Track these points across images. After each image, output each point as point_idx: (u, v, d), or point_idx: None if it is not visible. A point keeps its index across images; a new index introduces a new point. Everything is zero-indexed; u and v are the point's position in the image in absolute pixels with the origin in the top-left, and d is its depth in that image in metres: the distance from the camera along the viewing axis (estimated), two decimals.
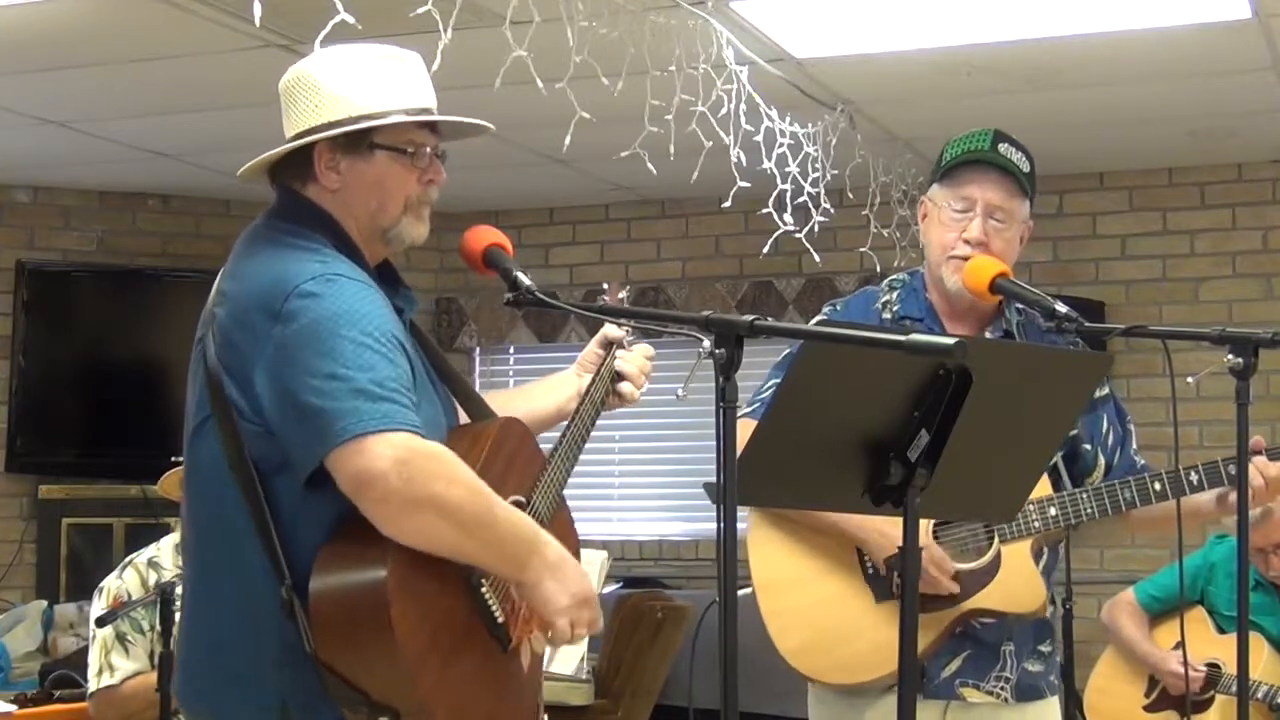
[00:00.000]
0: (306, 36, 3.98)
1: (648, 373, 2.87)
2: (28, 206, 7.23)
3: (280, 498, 2.34)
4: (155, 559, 4.21)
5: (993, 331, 3.17)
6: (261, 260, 2.42)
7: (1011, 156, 3.11)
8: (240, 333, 2.36)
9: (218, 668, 2.41)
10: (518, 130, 5.70)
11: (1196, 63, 5.24)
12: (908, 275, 3.27)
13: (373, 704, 2.28)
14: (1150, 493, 3.08)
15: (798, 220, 4.82)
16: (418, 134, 2.50)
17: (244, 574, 2.36)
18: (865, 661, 3.05)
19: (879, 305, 3.23)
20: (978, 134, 3.15)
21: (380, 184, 2.48)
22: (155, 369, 7.13)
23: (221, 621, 2.41)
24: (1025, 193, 3.13)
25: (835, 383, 2.17)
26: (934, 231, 3.16)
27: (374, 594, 2.26)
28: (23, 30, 4.78)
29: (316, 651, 2.28)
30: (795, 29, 4.85)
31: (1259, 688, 4.81)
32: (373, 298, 2.38)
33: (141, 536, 5.93)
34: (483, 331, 7.81)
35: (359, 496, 2.25)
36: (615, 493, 7.72)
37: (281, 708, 2.34)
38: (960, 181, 3.12)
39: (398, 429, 2.25)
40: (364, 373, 2.27)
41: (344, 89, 2.46)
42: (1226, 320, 6.63)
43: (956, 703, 3.11)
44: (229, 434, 2.36)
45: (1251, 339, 2.73)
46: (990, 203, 3.09)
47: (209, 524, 2.43)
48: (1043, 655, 3.20)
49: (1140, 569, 6.01)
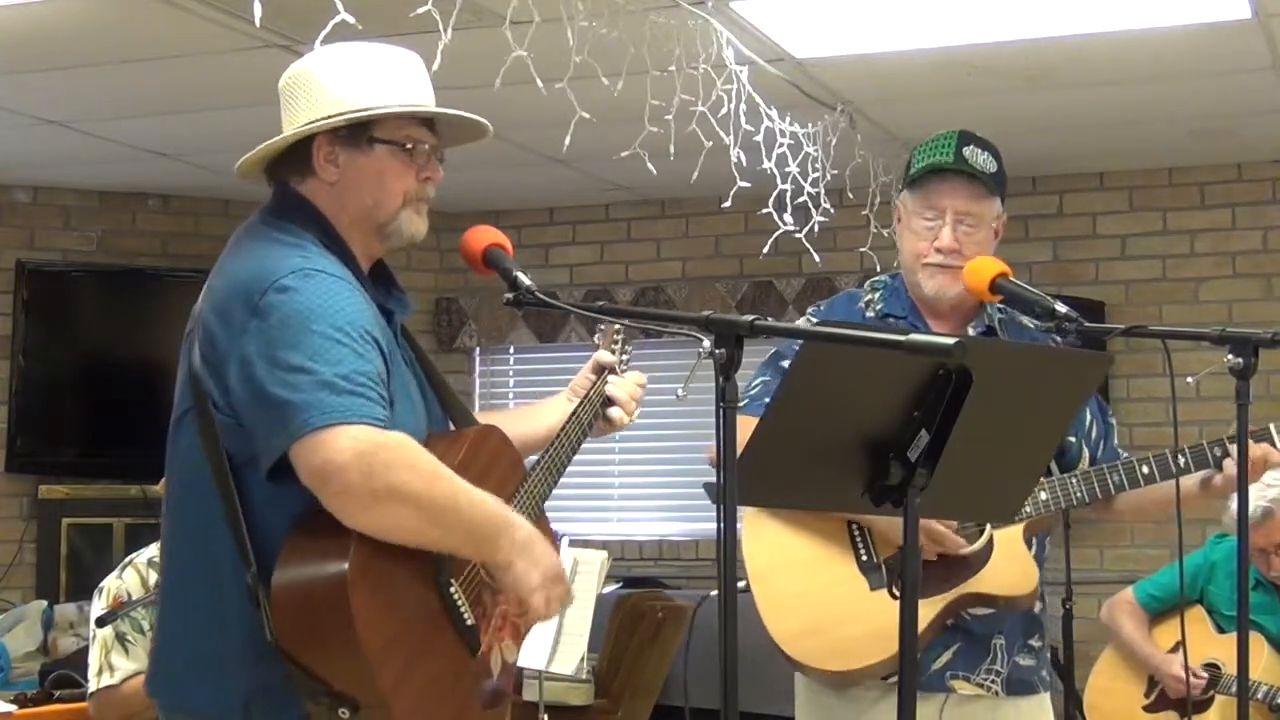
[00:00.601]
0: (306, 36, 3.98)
1: (639, 399, 2.90)
2: (28, 206, 7.23)
3: (251, 489, 2.34)
4: (155, 559, 4.20)
5: (975, 327, 3.21)
6: (246, 255, 2.43)
7: (977, 160, 3.14)
8: (220, 326, 2.37)
9: (186, 657, 2.41)
10: (518, 130, 5.70)
11: (1196, 63, 5.24)
12: (889, 277, 3.31)
13: (334, 695, 2.27)
14: (1139, 475, 3.12)
15: (798, 220, 4.82)
16: (416, 130, 2.51)
17: (213, 564, 2.36)
18: (859, 648, 3.06)
19: (862, 305, 3.27)
20: (943, 139, 3.17)
21: (378, 178, 2.48)
22: (155, 369, 7.11)
23: (191, 611, 2.41)
24: (994, 192, 3.17)
25: (835, 383, 2.17)
26: (906, 239, 3.20)
27: (335, 584, 2.26)
28: (23, 30, 4.78)
29: (278, 641, 2.28)
30: (795, 29, 4.85)
31: (1259, 688, 4.81)
32: (348, 293, 2.38)
33: (141, 536, 5.94)
34: (483, 331, 7.81)
35: (320, 489, 2.25)
36: (615, 493, 7.72)
37: (247, 700, 2.34)
38: (927, 191, 3.15)
39: (359, 421, 2.25)
40: (331, 366, 2.27)
41: (343, 85, 2.47)
42: (1226, 320, 6.63)
43: (952, 697, 3.12)
44: (205, 426, 2.37)
45: (1251, 339, 2.73)
46: (958, 210, 3.13)
47: (183, 514, 2.45)
48: (1033, 650, 3.21)
49: (1140, 569, 6.01)
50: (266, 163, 2.54)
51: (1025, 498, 2.95)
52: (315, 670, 2.28)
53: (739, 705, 2.05)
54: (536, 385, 7.80)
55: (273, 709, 2.34)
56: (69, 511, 7.04)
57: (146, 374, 7.13)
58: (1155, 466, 3.11)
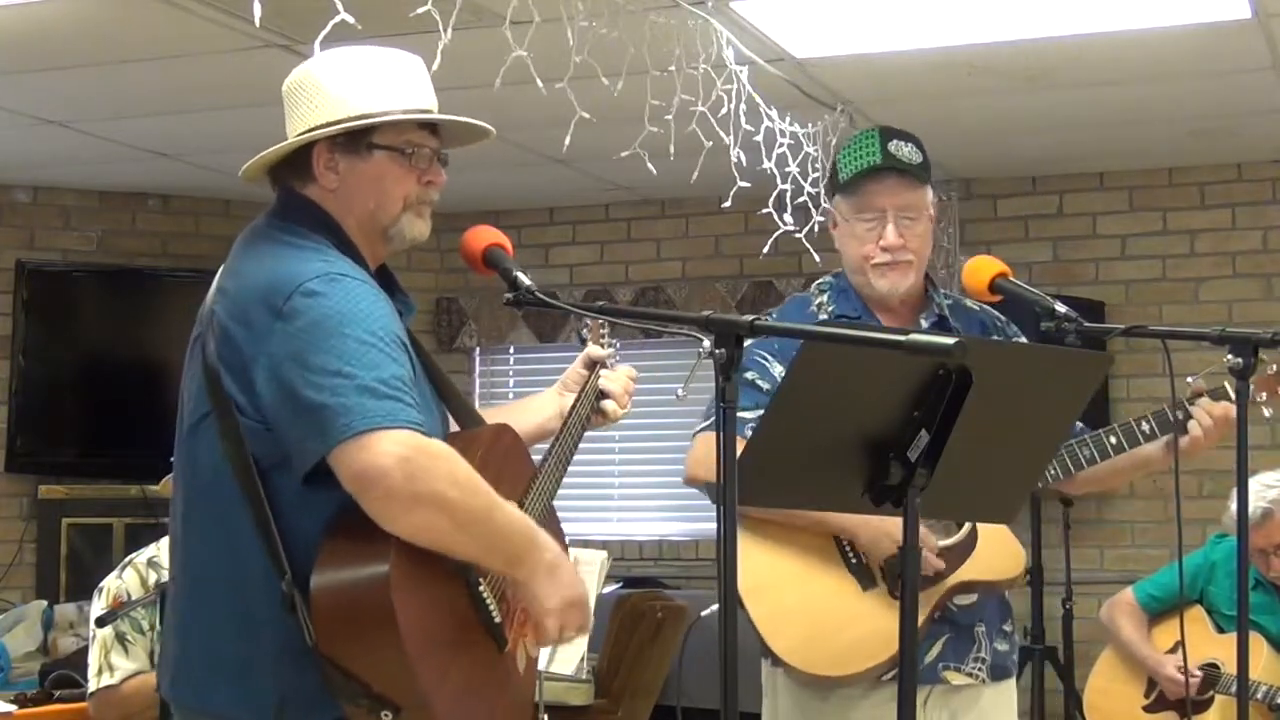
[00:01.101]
0: (306, 36, 3.98)
1: (631, 392, 2.92)
2: (28, 206, 7.23)
3: (279, 494, 2.34)
4: (155, 559, 4.21)
5: (926, 318, 3.25)
6: (263, 258, 2.42)
7: (903, 154, 3.17)
8: (240, 329, 2.36)
9: (210, 662, 2.40)
10: (518, 130, 5.70)
11: (1196, 63, 5.24)
12: (833, 277, 3.34)
13: (373, 697, 2.28)
14: (1107, 446, 3.14)
15: (798, 220, 4.82)
16: (416, 134, 2.51)
17: (241, 571, 2.36)
18: (858, 650, 3.07)
19: (814, 308, 3.29)
20: (864, 139, 3.19)
21: (378, 183, 2.49)
22: (155, 369, 7.13)
23: (214, 616, 2.40)
24: (924, 181, 3.20)
25: (835, 383, 2.17)
26: (849, 244, 3.23)
27: (377, 587, 2.27)
28: (23, 30, 4.78)
29: (318, 645, 2.28)
30: (795, 29, 4.85)
31: (1259, 688, 4.81)
32: (376, 298, 2.39)
33: (141, 536, 5.93)
34: (483, 331, 7.81)
35: (362, 493, 2.25)
36: (615, 493, 7.72)
37: (279, 704, 2.34)
38: (862, 193, 3.18)
39: (402, 426, 2.25)
40: (368, 370, 2.27)
41: (343, 89, 2.47)
42: (1226, 320, 6.63)
43: (940, 686, 3.15)
44: (227, 430, 2.36)
45: (1251, 339, 2.74)
46: (896, 206, 3.16)
47: (205, 521, 2.44)
48: (1006, 635, 3.27)
49: (1140, 569, 6.02)
50: (270, 167, 2.54)
51: (1026, 497, 2.96)
52: (356, 673, 2.28)
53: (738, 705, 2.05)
54: (536, 385, 7.76)
55: (306, 712, 2.34)
56: (69, 511, 7.03)
57: (146, 374, 7.14)
58: (1122, 435, 3.13)
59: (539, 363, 7.88)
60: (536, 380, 7.88)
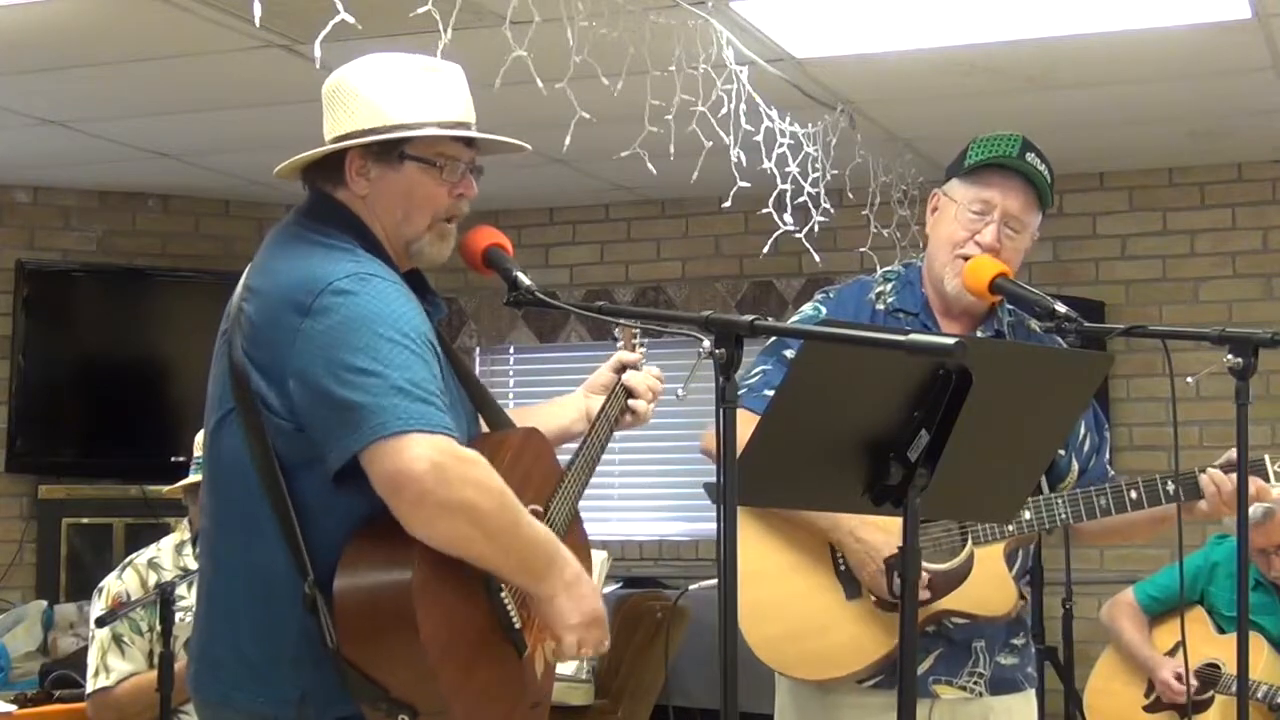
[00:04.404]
0: (306, 36, 3.98)
1: (658, 392, 2.90)
2: (28, 206, 7.23)
3: (304, 493, 2.34)
4: (155, 559, 4.21)
5: (984, 330, 3.17)
6: (293, 257, 2.42)
7: (1037, 166, 3.10)
8: (269, 328, 2.36)
9: (233, 659, 2.41)
10: (518, 130, 5.66)
11: (1196, 63, 5.24)
12: (902, 268, 3.26)
13: (392, 701, 2.28)
14: (1126, 501, 3.07)
15: (798, 220, 4.82)
16: (450, 147, 2.51)
17: (264, 568, 2.36)
18: (833, 657, 3.06)
19: (873, 296, 3.21)
20: (1006, 138, 3.12)
21: (408, 195, 2.49)
22: (155, 369, 7.13)
23: (237, 615, 2.41)
24: (1043, 206, 3.14)
25: (835, 382, 2.17)
26: (944, 227, 3.14)
27: (400, 592, 2.27)
28: (23, 30, 4.78)
29: (339, 647, 2.29)
30: (795, 29, 4.85)
31: (1259, 688, 4.81)
32: (405, 298, 2.39)
33: (141, 536, 5.93)
34: (483, 331, 7.81)
35: (393, 495, 2.25)
36: (615, 493, 7.72)
37: (300, 702, 2.35)
38: (984, 183, 3.10)
39: (436, 431, 2.25)
40: (399, 370, 2.27)
41: (379, 97, 2.47)
42: (1226, 320, 6.63)
43: (939, 701, 3.11)
44: (253, 428, 2.36)
45: (1251, 339, 2.73)
46: (1009, 211, 3.09)
47: (229, 518, 2.44)
48: (1015, 648, 3.19)
49: (1140, 569, 6.01)
50: (303, 168, 2.54)
51: (1025, 498, 2.94)
52: (376, 676, 2.28)
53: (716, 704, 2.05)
54: (536, 385, 7.80)
55: (328, 705, 2.34)
56: (69, 511, 7.04)
57: (146, 374, 7.14)
58: (1144, 492, 3.07)
59: (539, 363, 7.87)
60: (536, 380, 7.87)
